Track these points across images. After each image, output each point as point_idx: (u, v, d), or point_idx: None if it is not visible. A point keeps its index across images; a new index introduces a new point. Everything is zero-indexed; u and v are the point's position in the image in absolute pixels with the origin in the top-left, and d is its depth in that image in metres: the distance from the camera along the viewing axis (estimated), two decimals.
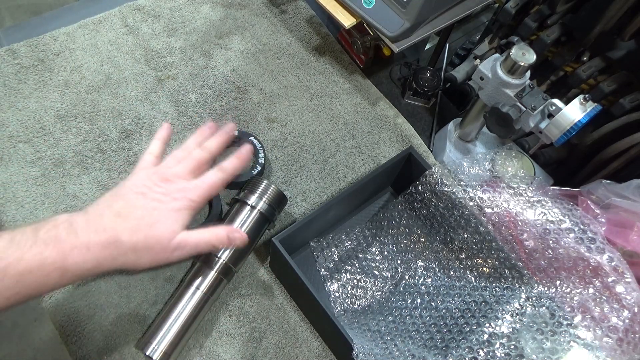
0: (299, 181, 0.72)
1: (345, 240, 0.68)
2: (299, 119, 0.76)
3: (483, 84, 0.66)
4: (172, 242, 0.50)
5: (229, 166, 0.56)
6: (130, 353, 0.57)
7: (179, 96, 0.75)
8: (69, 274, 0.47)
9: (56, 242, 0.46)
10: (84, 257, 0.47)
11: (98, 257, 0.48)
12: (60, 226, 0.47)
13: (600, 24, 0.65)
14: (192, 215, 0.52)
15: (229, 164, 0.56)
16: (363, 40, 0.79)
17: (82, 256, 0.47)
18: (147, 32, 0.79)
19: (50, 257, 0.45)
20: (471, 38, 0.92)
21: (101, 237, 0.47)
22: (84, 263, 0.47)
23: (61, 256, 0.46)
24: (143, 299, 0.60)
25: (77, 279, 0.49)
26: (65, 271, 0.46)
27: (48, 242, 0.46)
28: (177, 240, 0.51)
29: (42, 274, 0.45)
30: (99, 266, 0.48)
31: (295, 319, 0.62)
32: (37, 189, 0.64)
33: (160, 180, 0.52)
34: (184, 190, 0.52)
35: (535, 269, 0.59)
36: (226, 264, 0.59)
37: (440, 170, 0.64)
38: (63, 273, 0.46)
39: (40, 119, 0.69)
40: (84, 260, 0.47)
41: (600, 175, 0.70)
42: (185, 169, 0.54)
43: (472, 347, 0.55)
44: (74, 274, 0.47)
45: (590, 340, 0.54)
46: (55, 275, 0.46)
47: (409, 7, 0.68)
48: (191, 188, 0.52)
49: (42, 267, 0.45)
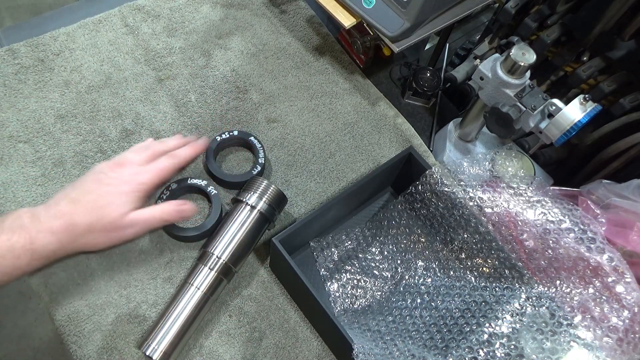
0: (299, 181, 0.72)
1: (345, 240, 0.68)
2: (299, 119, 0.76)
3: (483, 84, 0.66)
4: (122, 221, 0.56)
5: (181, 153, 0.63)
6: (130, 353, 0.57)
7: (179, 96, 0.75)
8: (37, 255, 0.53)
9: (22, 229, 0.52)
10: (49, 240, 0.53)
11: (61, 239, 0.54)
12: (24, 216, 0.53)
13: (600, 24, 0.65)
14: (142, 198, 0.58)
15: (182, 151, 0.63)
16: (363, 40, 0.79)
17: (47, 239, 0.53)
18: (147, 32, 0.79)
19: (19, 242, 0.52)
20: (471, 38, 0.92)
21: (60, 221, 0.54)
22: (49, 244, 0.53)
23: (29, 240, 0.52)
24: (143, 299, 0.60)
25: (45, 260, 0.55)
26: (34, 252, 0.53)
27: (15, 229, 0.52)
28: (128, 218, 0.56)
29: (13, 257, 0.52)
30: (63, 248, 0.55)
31: (295, 319, 0.62)
32: (37, 189, 0.64)
33: (115, 165, 0.58)
34: (135, 174, 0.58)
35: (535, 269, 0.59)
36: (226, 264, 0.59)
37: (440, 170, 0.64)
38: (32, 255, 0.53)
39: (40, 119, 0.69)
40: (49, 242, 0.53)
41: (600, 175, 0.70)
42: (140, 157, 0.60)
43: (472, 347, 0.55)
44: (42, 255, 0.54)
45: (590, 340, 0.54)
46: (25, 258, 0.52)
47: (409, 7, 0.68)
48: (141, 172, 0.58)
49: (13, 251, 0.51)
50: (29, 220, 0.53)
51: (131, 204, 0.57)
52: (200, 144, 0.65)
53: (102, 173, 0.58)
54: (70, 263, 0.60)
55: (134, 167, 0.59)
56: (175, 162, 0.61)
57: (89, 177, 0.58)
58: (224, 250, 0.59)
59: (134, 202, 0.57)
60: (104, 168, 0.58)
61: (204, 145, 0.66)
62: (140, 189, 0.58)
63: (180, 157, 0.62)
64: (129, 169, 0.58)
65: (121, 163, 0.59)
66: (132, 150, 0.62)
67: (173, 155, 0.62)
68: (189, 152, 0.63)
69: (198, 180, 0.66)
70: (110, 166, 0.58)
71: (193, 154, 0.64)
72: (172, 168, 0.61)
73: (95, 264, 0.61)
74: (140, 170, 0.59)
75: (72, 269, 0.60)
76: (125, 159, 0.60)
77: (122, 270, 0.61)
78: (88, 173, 0.58)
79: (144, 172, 0.59)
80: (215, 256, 0.59)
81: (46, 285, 0.59)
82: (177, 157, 0.62)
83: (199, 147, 0.65)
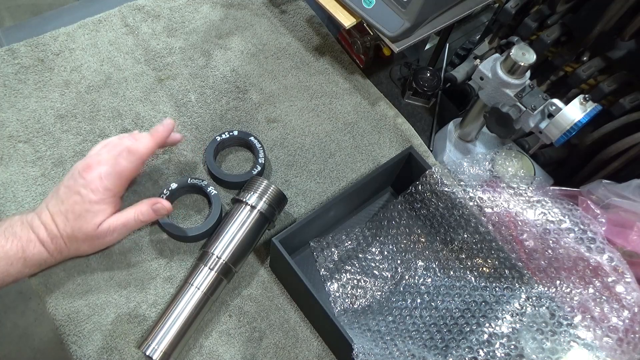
0: (299, 181, 0.72)
1: (345, 240, 0.68)
2: (299, 119, 0.76)
3: (483, 84, 0.66)
4: (98, 231, 0.56)
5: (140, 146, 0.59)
6: (130, 353, 0.57)
7: (179, 96, 0.75)
8: (29, 262, 0.54)
9: (14, 237, 0.53)
10: (38, 249, 0.54)
11: (49, 249, 0.55)
12: (15, 224, 0.54)
13: (600, 24, 0.65)
14: (112, 201, 0.57)
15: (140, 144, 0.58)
16: (363, 40, 0.79)
17: (36, 248, 0.54)
18: (147, 32, 0.79)
19: (12, 250, 0.53)
20: (471, 38, 0.92)
21: (45, 232, 0.54)
22: (39, 253, 0.54)
23: (20, 248, 0.53)
24: (143, 299, 0.60)
25: (37, 268, 0.56)
26: (26, 260, 0.54)
27: (8, 236, 0.53)
28: (104, 227, 0.56)
29: (7, 264, 0.52)
30: (52, 257, 0.56)
31: (295, 319, 0.62)
32: (37, 188, 0.64)
33: (83, 169, 0.56)
34: (100, 179, 0.56)
35: (535, 269, 0.59)
36: (226, 264, 0.59)
37: (440, 170, 0.64)
38: (24, 263, 0.54)
39: (40, 119, 0.69)
40: (39, 251, 0.54)
41: (600, 175, 0.70)
42: (109, 156, 0.57)
43: (472, 347, 0.55)
44: (33, 263, 0.55)
45: (590, 340, 0.54)
46: (18, 265, 0.53)
47: (409, 7, 0.68)
48: (105, 175, 0.56)
49: (6, 258, 0.52)
50: (20, 228, 0.54)
51: (102, 213, 0.56)
52: (160, 131, 0.60)
53: (72, 179, 0.56)
54: (70, 263, 0.60)
55: (101, 168, 0.56)
56: (134, 160, 0.57)
57: (63, 184, 0.56)
58: (224, 250, 0.59)
59: (104, 210, 0.56)
60: (74, 173, 0.56)
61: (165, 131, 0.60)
62: (107, 194, 0.56)
63: (139, 151, 0.58)
64: (94, 173, 0.55)
65: (89, 165, 0.56)
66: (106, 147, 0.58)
67: (131, 151, 0.57)
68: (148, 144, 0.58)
69: (198, 180, 0.66)
70: (79, 170, 0.56)
71: (153, 144, 0.59)
72: (131, 167, 0.57)
73: (95, 264, 0.61)
74: (103, 174, 0.56)
75: (72, 269, 0.60)
76: (95, 160, 0.56)
77: (122, 270, 0.61)
78: (64, 178, 0.57)
79: (106, 175, 0.56)
80: (215, 256, 0.59)
81: (46, 285, 0.59)
82: (135, 152, 0.57)
83: (160, 135, 0.60)
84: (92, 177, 0.55)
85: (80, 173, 0.56)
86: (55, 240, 0.55)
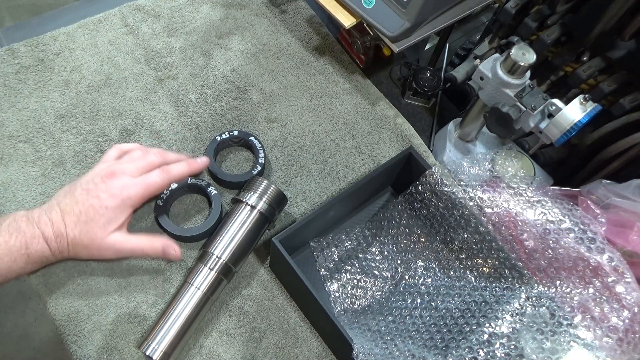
0: (299, 181, 0.72)
1: (345, 240, 0.68)
2: (299, 119, 0.76)
3: (483, 84, 0.66)
4: (104, 241, 0.56)
5: (175, 170, 0.61)
6: (130, 353, 0.57)
7: (179, 96, 0.75)
8: (32, 259, 0.54)
9: (18, 233, 0.53)
10: (42, 246, 0.54)
11: (51, 247, 0.54)
12: (20, 220, 0.54)
13: (600, 24, 0.65)
14: (126, 211, 0.57)
15: (176, 168, 0.61)
16: (363, 40, 0.79)
17: (40, 245, 0.54)
18: (147, 32, 0.79)
19: (15, 246, 0.52)
20: (471, 38, 0.92)
21: (52, 230, 0.54)
22: (42, 250, 0.54)
23: (24, 244, 0.53)
24: (143, 299, 0.60)
25: (39, 265, 0.56)
26: (29, 257, 0.53)
27: (12, 232, 0.53)
28: (112, 241, 0.56)
29: (10, 260, 0.52)
30: (54, 255, 0.55)
31: (295, 319, 0.62)
32: (37, 188, 0.64)
33: (107, 176, 0.56)
34: (124, 187, 0.56)
35: (535, 269, 0.59)
36: (226, 264, 0.59)
37: (440, 170, 0.64)
38: (27, 259, 0.53)
39: (40, 119, 0.69)
40: (42, 248, 0.54)
41: (600, 175, 0.70)
42: (134, 168, 0.58)
43: (472, 347, 0.55)
44: (36, 260, 0.54)
45: (590, 340, 0.54)
46: (20, 261, 0.53)
47: (409, 7, 0.68)
48: (130, 186, 0.57)
49: (10, 254, 0.52)
50: (25, 224, 0.54)
51: (115, 222, 0.56)
52: (197, 164, 0.63)
53: (92, 183, 0.56)
54: (70, 263, 0.60)
55: (125, 178, 0.57)
56: (166, 178, 0.59)
57: (80, 185, 0.56)
58: (224, 250, 0.59)
59: (118, 218, 0.56)
60: (96, 177, 0.57)
61: (201, 165, 0.64)
62: (126, 203, 0.56)
63: (172, 174, 0.60)
64: (119, 181, 0.56)
65: (113, 173, 0.57)
66: (130, 158, 0.60)
67: (166, 171, 0.60)
68: (183, 170, 0.61)
69: (198, 180, 0.66)
70: (102, 176, 0.56)
71: (187, 172, 0.62)
72: (162, 184, 0.59)
73: (95, 264, 0.61)
74: (129, 184, 0.57)
75: (72, 269, 0.60)
76: (119, 169, 0.57)
77: (122, 270, 0.61)
78: (80, 180, 0.57)
79: (132, 185, 0.57)
80: (215, 256, 0.59)
81: (46, 285, 0.59)
82: (169, 173, 0.60)
83: (195, 166, 0.63)
84: (114, 184, 0.56)
85: (103, 178, 0.56)
86: (60, 239, 0.55)
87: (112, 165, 0.58)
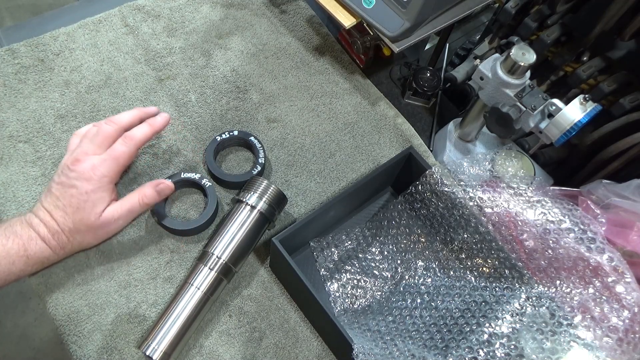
0: (299, 181, 0.72)
1: (345, 240, 0.68)
2: (299, 119, 0.76)
3: (483, 84, 0.66)
4: (101, 220, 0.56)
5: (138, 134, 0.59)
6: (130, 353, 0.57)
7: (179, 96, 0.75)
8: (31, 261, 0.54)
9: (15, 236, 0.53)
10: (40, 247, 0.54)
11: (51, 246, 0.55)
12: (15, 224, 0.54)
13: (600, 24, 0.65)
14: (108, 188, 0.57)
15: (138, 132, 0.59)
16: (363, 40, 0.79)
17: (38, 246, 0.54)
18: (147, 32, 0.79)
19: (13, 248, 0.52)
20: (471, 38, 0.92)
21: (46, 229, 0.54)
22: (41, 252, 0.54)
23: (22, 247, 0.53)
24: (143, 299, 0.60)
25: (40, 265, 0.56)
26: (28, 259, 0.53)
27: (8, 235, 0.53)
28: (108, 215, 0.56)
29: (8, 262, 0.52)
30: (55, 253, 0.56)
31: (295, 319, 0.62)
32: (37, 188, 0.64)
33: (72, 163, 0.56)
34: (94, 168, 0.56)
35: (535, 269, 0.59)
36: (226, 264, 0.59)
37: (440, 170, 0.64)
38: (26, 261, 0.53)
39: (40, 119, 0.69)
40: (41, 249, 0.54)
41: (600, 175, 0.70)
42: (93, 145, 0.57)
43: (472, 347, 0.55)
44: (36, 261, 0.54)
45: (590, 340, 0.54)
46: (20, 263, 0.53)
47: (409, 7, 0.68)
48: (99, 163, 0.56)
49: (8, 257, 0.52)
50: (20, 227, 0.54)
51: (101, 202, 0.56)
52: (159, 121, 0.61)
53: (63, 175, 0.56)
54: (70, 263, 0.60)
55: (90, 158, 0.56)
56: (131, 144, 0.58)
57: (54, 181, 0.56)
58: (224, 250, 0.59)
59: (102, 198, 0.56)
60: (64, 168, 0.56)
61: (163, 122, 0.62)
62: (103, 181, 0.56)
63: (136, 138, 0.59)
64: (86, 163, 0.56)
65: (77, 159, 0.56)
66: (85, 139, 0.58)
67: (129, 137, 0.58)
68: (146, 132, 0.60)
69: (191, 174, 0.66)
70: (68, 165, 0.56)
71: (150, 132, 0.60)
72: (129, 151, 0.58)
73: (95, 264, 0.61)
74: (97, 163, 0.56)
75: (72, 269, 0.60)
76: (81, 152, 0.56)
77: (122, 270, 0.61)
78: (53, 177, 0.57)
79: (101, 162, 0.56)
80: (215, 256, 0.59)
81: (46, 285, 0.59)
82: (133, 138, 0.59)
83: (157, 125, 0.61)
84: (83, 168, 0.55)
85: (70, 167, 0.55)
86: (57, 235, 0.55)
87: (73, 152, 0.57)
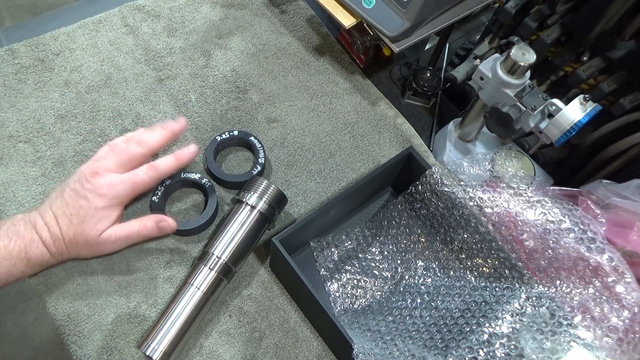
0: (299, 181, 0.72)
1: (345, 240, 0.68)
2: (299, 119, 0.76)
3: (483, 84, 0.66)
4: (100, 239, 0.56)
5: (163, 166, 0.59)
6: (130, 353, 0.57)
7: (179, 96, 0.75)
8: (32, 263, 0.54)
9: (17, 237, 0.53)
10: (41, 250, 0.54)
11: (51, 250, 0.55)
12: (18, 223, 0.54)
13: (600, 24, 0.65)
14: (117, 209, 0.57)
15: (163, 163, 0.59)
16: (363, 40, 0.79)
17: (39, 249, 0.54)
18: (147, 32, 0.79)
19: (15, 250, 0.52)
20: (471, 38, 0.92)
21: (48, 233, 0.54)
22: (42, 256, 0.54)
23: (23, 248, 0.53)
24: (143, 299, 0.60)
25: (39, 268, 0.56)
26: (29, 261, 0.53)
27: (10, 236, 0.53)
28: (106, 235, 0.56)
29: (9, 264, 0.52)
30: (54, 257, 0.55)
31: (295, 319, 0.62)
32: (37, 188, 0.64)
33: (90, 175, 0.55)
34: (110, 186, 0.55)
35: (535, 269, 0.59)
36: (226, 264, 0.59)
37: (440, 170, 0.64)
38: (27, 263, 0.53)
39: (40, 119, 0.69)
40: (41, 252, 0.54)
41: (600, 175, 0.70)
42: (116, 162, 0.57)
43: (472, 347, 0.55)
44: (36, 263, 0.54)
45: (590, 340, 0.54)
46: (20, 265, 0.53)
47: (409, 7, 0.68)
48: (117, 183, 0.56)
49: (9, 258, 0.52)
50: (23, 228, 0.54)
51: (107, 220, 0.56)
52: (186, 155, 0.60)
53: (78, 182, 0.55)
54: (70, 263, 0.60)
55: (110, 176, 0.56)
56: (153, 176, 0.58)
57: (68, 185, 0.56)
58: (224, 250, 0.59)
59: (109, 217, 0.56)
60: (81, 177, 0.55)
61: (190, 157, 0.61)
62: (114, 202, 0.56)
63: (160, 170, 0.58)
64: (104, 179, 0.55)
65: (97, 171, 0.55)
66: (110, 154, 0.58)
67: (153, 167, 0.58)
68: (171, 164, 0.59)
69: (191, 174, 0.66)
70: (86, 175, 0.55)
71: (175, 166, 0.60)
72: (149, 182, 0.58)
73: (95, 264, 0.61)
74: (115, 182, 0.56)
75: (72, 269, 0.60)
76: (102, 166, 0.56)
77: (122, 270, 0.61)
78: (69, 180, 0.56)
79: (119, 183, 0.56)
80: (215, 256, 0.59)
81: (46, 285, 0.59)
82: (157, 169, 0.58)
83: (183, 159, 0.60)
84: (100, 183, 0.55)
85: (88, 178, 0.55)
86: (58, 242, 0.55)
87: (95, 162, 0.57)
